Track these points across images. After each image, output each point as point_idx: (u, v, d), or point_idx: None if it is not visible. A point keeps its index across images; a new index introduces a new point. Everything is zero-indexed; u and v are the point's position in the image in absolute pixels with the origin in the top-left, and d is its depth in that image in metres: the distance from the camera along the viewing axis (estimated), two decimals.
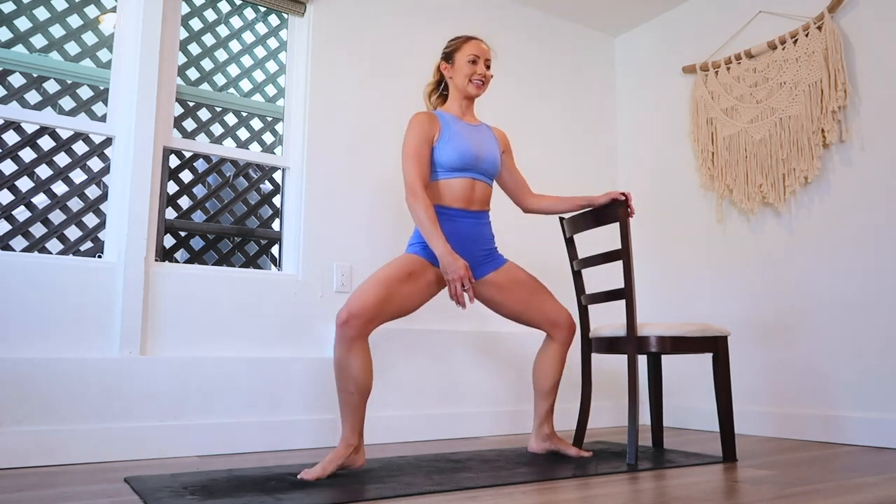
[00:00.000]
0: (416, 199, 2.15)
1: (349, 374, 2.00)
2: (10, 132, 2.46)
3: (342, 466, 1.99)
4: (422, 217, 2.13)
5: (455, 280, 2.09)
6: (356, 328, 1.99)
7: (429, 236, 2.13)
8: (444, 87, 2.42)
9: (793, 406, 2.98)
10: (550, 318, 2.37)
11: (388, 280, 2.09)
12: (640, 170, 3.83)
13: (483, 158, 2.30)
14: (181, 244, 2.76)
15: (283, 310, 2.79)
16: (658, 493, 1.76)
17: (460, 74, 2.33)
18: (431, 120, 2.27)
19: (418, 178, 2.18)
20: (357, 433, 2.02)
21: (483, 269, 2.32)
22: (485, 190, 2.34)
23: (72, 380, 2.28)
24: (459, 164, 2.25)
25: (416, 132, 2.23)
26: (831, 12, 2.96)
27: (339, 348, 2.00)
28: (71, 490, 1.80)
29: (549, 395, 2.39)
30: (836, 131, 2.90)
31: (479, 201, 2.32)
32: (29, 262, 2.34)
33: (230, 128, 2.91)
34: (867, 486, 1.85)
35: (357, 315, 1.99)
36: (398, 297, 2.10)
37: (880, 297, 2.73)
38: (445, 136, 2.26)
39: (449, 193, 2.26)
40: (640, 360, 3.54)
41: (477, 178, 2.30)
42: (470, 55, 2.32)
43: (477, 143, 2.30)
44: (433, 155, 2.25)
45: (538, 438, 2.40)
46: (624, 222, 2.34)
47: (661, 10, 3.77)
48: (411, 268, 2.15)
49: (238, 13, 3.00)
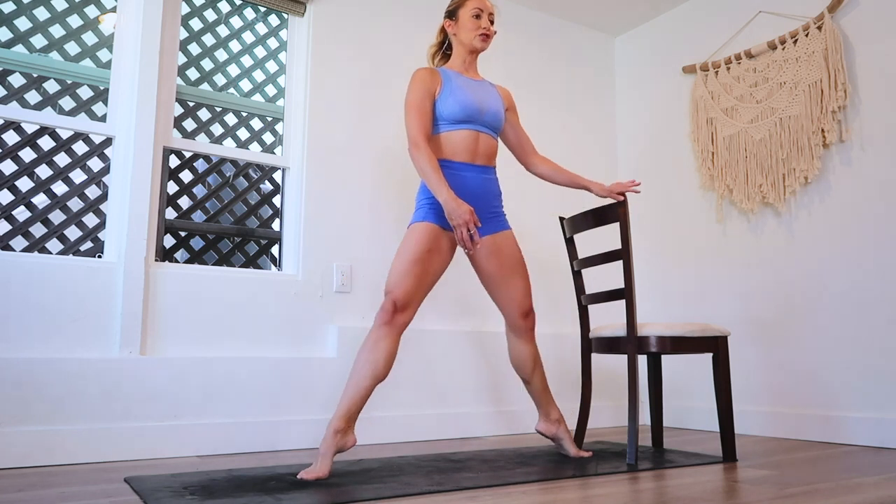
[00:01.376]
0: (419, 150, 2.15)
1: (375, 362, 2.03)
2: (10, 132, 2.46)
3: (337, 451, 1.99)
4: (425, 167, 2.13)
5: (461, 225, 2.08)
6: (403, 324, 2.10)
7: (432, 185, 2.12)
8: (448, 47, 2.44)
9: (793, 406, 2.98)
10: (523, 305, 2.34)
11: (420, 268, 2.13)
12: (640, 170, 3.83)
13: (486, 111, 2.30)
14: (181, 244, 2.76)
15: (283, 310, 2.79)
16: (658, 493, 1.76)
17: (465, 29, 2.34)
18: (433, 75, 2.28)
19: (420, 130, 2.19)
20: (347, 419, 2.01)
21: (485, 228, 2.30)
22: (489, 143, 2.33)
23: (72, 380, 2.29)
24: (462, 116, 2.25)
25: (417, 87, 2.24)
26: (831, 12, 2.96)
27: (377, 334, 2.06)
28: (71, 490, 1.80)
29: (534, 376, 2.38)
30: (836, 131, 2.91)
31: (484, 154, 2.31)
32: (29, 262, 2.34)
33: (230, 128, 2.91)
34: (867, 486, 1.85)
35: (405, 305, 2.09)
36: (429, 274, 2.17)
37: (880, 297, 2.73)
38: (447, 89, 2.27)
39: (452, 146, 2.26)
40: (640, 360, 3.55)
41: (481, 131, 2.30)
42: (474, 9, 2.34)
43: (479, 96, 2.30)
44: (436, 108, 2.26)
45: (547, 421, 2.41)
46: (624, 222, 2.34)
47: (661, 10, 3.77)
48: (429, 243, 2.17)
49: (238, 13, 3.00)
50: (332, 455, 1.97)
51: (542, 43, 3.79)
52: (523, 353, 2.37)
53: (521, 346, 2.36)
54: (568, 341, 3.44)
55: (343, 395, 2.03)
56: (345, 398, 2.02)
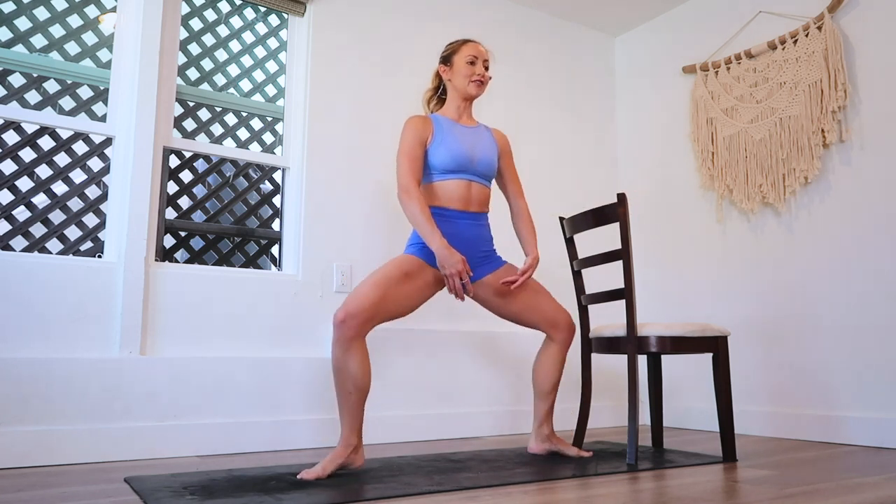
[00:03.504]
0: (410, 197, 2.16)
1: (347, 374, 2.00)
2: (10, 132, 2.46)
3: (341, 466, 1.99)
4: (416, 214, 2.14)
5: (453, 275, 2.11)
6: (353, 328, 1.99)
7: (424, 233, 2.13)
8: (443, 92, 2.44)
9: (793, 406, 2.98)
10: (549, 319, 2.37)
11: (384, 281, 2.09)
12: (640, 170, 3.83)
13: (477, 160, 2.30)
14: (181, 244, 2.76)
15: (283, 310, 2.79)
16: (658, 493, 1.76)
17: (459, 76, 2.34)
18: (425, 122, 2.29)
19: (411, 176, 2.19)
20: (356, 433, 2.02)
21: (481, 271, 2.31)
22: (482, 191, 2.34)
23: (72, 380, 2.29)
24: (453, 166, 2.25)
25: (409, 134, 2.25)
26: (831, 12, 2.96)
27: (337, 349, 2.00)
28: (71, 490, 1.80)
29: (548, 396, 2.39)
30: (836, 131, 2.91)
31: (477, 202, 2.32)
32: (29, 262, 2.34)
33: (230, 128, 2.91)
34: (867, 486, 1.85)
35: (354, 315, 2.00)
36: (395, 297, 2.10)
37: (880, 297, 2.73)
38: (438, 138, 2.27)
39: (445, 195, 2.27)
40: (640, 360, 3.55)
41: (473, 180, 2.30)
42: (468, 56, 2.34)
43: (470, 145, 2.30)
44: (427, 157, 2.27)
45: (538, 439, 2.40)
46: (624, 222, 2.34)
47: (661, 10, 3.77)
48: (408, 268, 2.16)
49: (238, 13, 3.00)
50: (338, 464, 1.97)
51: (542, 43, 3.79)
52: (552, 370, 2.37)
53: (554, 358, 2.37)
54: None
55: (340, 414, 2.03)
56: (343, 416, 2.02)
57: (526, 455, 2.39)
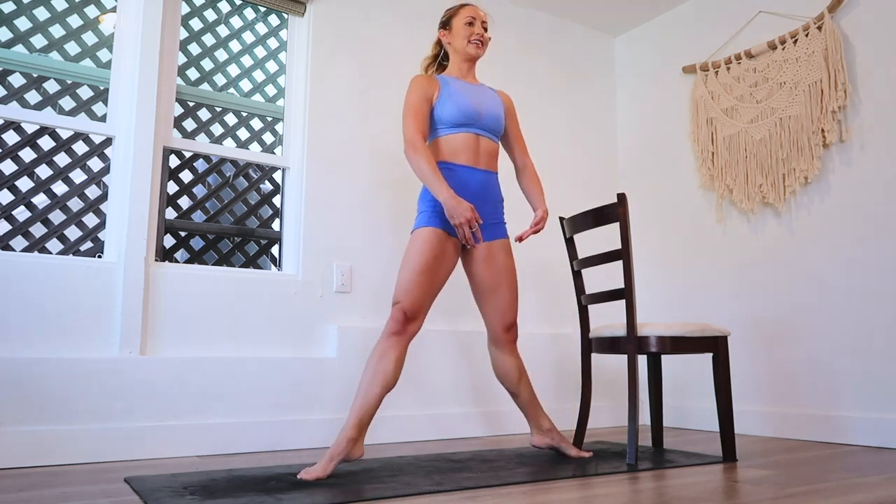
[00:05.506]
0: (417, 152, 2.16)
1: (384, 370, 2.04)
2: (10, 132, 2.46)
3: (342, 460, 1.99)
4: (423, 167, 2.14)
5: (462, 224, 2.09)
6: (415, 329, 2.11)
7: (431, 185, 2.13)
8: (444, 57, 2.46)
9: (793, 406, 2.98)
10: (508, 318, 2.32)
11: (425, 271, 2.14)
12: (640, 170, 3.83)
13: (485, 114, 2.30)
14: (181, 244, 2.76)
15: (283, 310, 2.79)
16: (658, 493, 1.76)
17: (459, 37, 2.37)
18: (430, 80, 2.30)
19: (417, 131, 2.19)
20: (360, 427, 2.02)
21: (485, 233, 2.30)
22: (490, 146, 2.33)
23: (72, 380, 2.29)
24: (461, 119, 2.26)
25: (415, 91, 2.26)
26: (831, 12, 2.95)
27: (386, 343, 2.07)
28: (71, 490, 1.80)
29: (521, 387, 2.36)
30: (836, 131, 2.91)
31: (486, 157, 2.31)
32: (29, 262, 2.34)
33: (230, 128, 2.91)
34: (867, 486, 1.85)
35: (414, 315, 2.11)
36: (437, 283, 2.18)
37: (880, 297, 2.73)
38: (445, 93, 2.28)
39: (453, 149, 2.26)
40: (640, 360, 3.55)
41: (481, 134, 2.30)
42: (466, 17, 2.37)
43: (477, 99, 2.31)
44: (434, 113, 2.27)
45: (539, 432, 2.40)
46: (624, 222, 2.34)
47: (661, 10, 3.77)
48: (435, 250, 2.17)
49: (238, 13, 3.00)
50: (338, 461, 1.97)
51: (542, 43, 3.79)
52: (507, 366, 2.35)
53: (504, 358, 2.35)
54: (568, 341, 3.44)
55: (354, 404, 2.03)
56: (356, 407, 2.03)
57: (526, 455, 2.39)
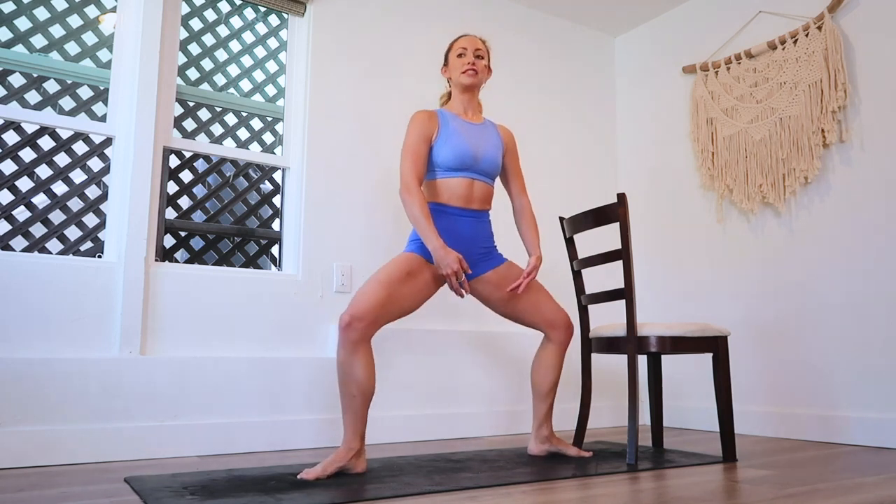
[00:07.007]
0: (411, 195, 2.17)
1: (352, 377, 1.99)
2: (10, 132, 2.46)
3: (342, 469, 1.99)
4: (415, 212, 2.15)
5: (450, 274, 2.12)
6: (360, 331, 1.99)
7: (422, 232, 2.14)
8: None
9: (793, 406, 2.98)
10: (547, 319, 2.37)
11: (388, 281, 2.09)
12: (640, 170, 3.83)
13: (481, 158, 2.30)
14: (181, 244, 2.76)
15: (283, 310, 2.79)
16: (658, 493, 1.76)
17: (454, 70, 2.38)
18: (430, 118, 2.30)
19: (413, 174, 2.20)
20: (359, 437, 2.02)
21: (480, 268, 2.32)
22: (484, 189, 2.34)
23: (72, 380, 2.28)
24: (457, 164, 2.26)
25: (414, 130, 2.26)
26: (831, 12, 2.95)
27: (343, 351, 2.00)
28: (71, 490, 1.80)
29: (547, 397, 2.39)
30: (836, 131, 2.91)
31: (479, 200, 2.33)
32: (29, 262, 2.34)
33: (230, 128, 2.91)
34: (867, 486, 1.85)
35: (360, 318, 1.99)
36: (399, 297, 2.11)
37: (880, 297, 2.73)
38: (443, 135, 2.28)
39: (447, 192, 2.28)
40: (640, 360, 3.55)
41: (476, 178, 2.31)
42: (458, 49, 2.38)
43: (475, 143, 2.30)
44: (432, 153, 2.28)
45: (537, 440, 2.40)
46: (624, 222, 2.34)
47: (661, 10, 3.77)
48: (409, 267, 2.16)
49: (238, 13, 3.00)
50: (339, 466, 1.97)
51: (542, 43, 3.79)
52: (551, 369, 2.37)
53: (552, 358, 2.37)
54: None
55: (343, 417, 2.03)
56: (346, 419, 2.02)
57: (526, 455, 2.39)
